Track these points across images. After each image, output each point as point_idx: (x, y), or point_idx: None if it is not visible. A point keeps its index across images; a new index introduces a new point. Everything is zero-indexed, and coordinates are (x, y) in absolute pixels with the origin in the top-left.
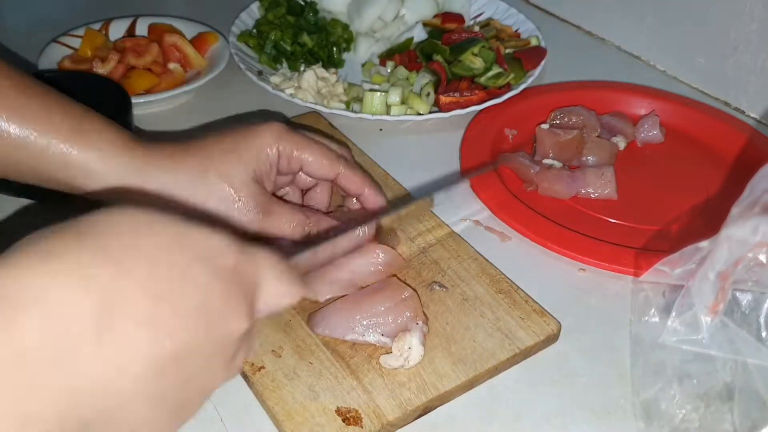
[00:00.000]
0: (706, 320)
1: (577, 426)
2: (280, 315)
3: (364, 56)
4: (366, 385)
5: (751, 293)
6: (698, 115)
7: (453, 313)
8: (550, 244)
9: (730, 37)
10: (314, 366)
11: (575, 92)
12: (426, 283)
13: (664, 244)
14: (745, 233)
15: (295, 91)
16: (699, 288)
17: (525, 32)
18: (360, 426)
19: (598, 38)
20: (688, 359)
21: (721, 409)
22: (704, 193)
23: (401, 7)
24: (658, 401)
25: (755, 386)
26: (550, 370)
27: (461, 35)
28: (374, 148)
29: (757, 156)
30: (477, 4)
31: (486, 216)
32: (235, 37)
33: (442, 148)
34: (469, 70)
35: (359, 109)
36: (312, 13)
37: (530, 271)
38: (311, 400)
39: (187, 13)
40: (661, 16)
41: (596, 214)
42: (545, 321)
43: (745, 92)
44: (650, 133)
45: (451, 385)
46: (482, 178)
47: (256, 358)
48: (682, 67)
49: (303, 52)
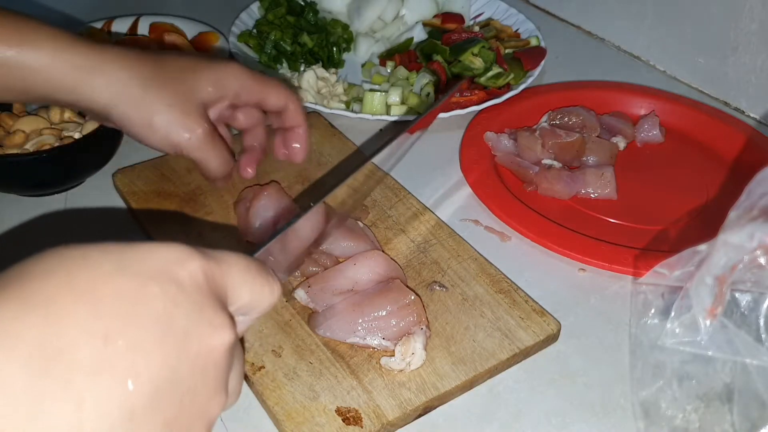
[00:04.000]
0: (704, 323)
1: (577, 426)
2: (268, 317)
3: (364, 56)
4: (366, 385)
5: (750, 294)
6: (698, 116)
7: (453, 313)
8: (550, 244)
9: (730, 37)
10: (314, 366)
11: (575, 92)
12: (426, 283)
13: (663, 244)
14: (742, 239)
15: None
16: (697, 291)
17: (525, 32)
18: (360, 426)
19: (598, 38)
20: (688, 360)
21: (721, 409)
22: (704, 194)
23: (401, 7)
24: (658, 402)
25: (754, 387)
26: (550, 370)
27: (461, 35)
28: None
29: (757, 156)
30: (477, 4)
31: (486, 216)
32: (236, 37)
33: (442, 148)
34: (469, 70)
35: (359, 109)
36: (312, 13)
37: (530, 271)
38: (311, 400)
39: (188, 12)
40: (661, 16)
41: (596, 214)
42: (545, 321)
43: (745, 92)
44: (650, 133)
45: (451, 385)
46: (482, 179)
47: (256, 358)
48: (682, 67)
49: (303, 52)
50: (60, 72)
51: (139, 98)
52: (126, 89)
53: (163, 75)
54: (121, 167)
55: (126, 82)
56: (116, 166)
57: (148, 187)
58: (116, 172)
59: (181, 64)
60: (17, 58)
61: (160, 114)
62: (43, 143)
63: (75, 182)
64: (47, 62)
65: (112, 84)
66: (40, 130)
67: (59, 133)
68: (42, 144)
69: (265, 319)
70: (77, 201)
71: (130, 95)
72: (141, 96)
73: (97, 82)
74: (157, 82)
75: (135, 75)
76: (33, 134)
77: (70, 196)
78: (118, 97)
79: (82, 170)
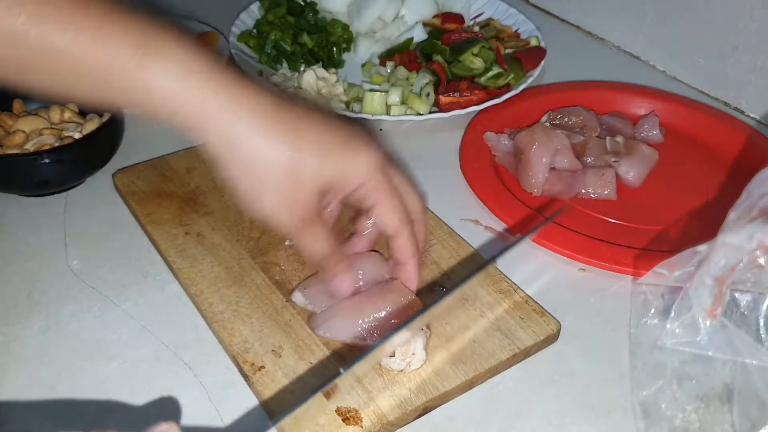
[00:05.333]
0: (704, 323)
1: (577, 426)
2: (269, 317)
3: (364, 56)
4: (366, 385)
5: (750, 294)
6: (698, 115)
7: (453, 313)
8: (550, 244)
9: (730, 37)
10: (314, 366)
11: (575, 92)
12: (426, 283)
13: (663, 244)
14: (741, 240)
15: (295, 92)
16: (697, 292)
17: (525, 32)
18: (360, 426)
19: (598, 38)
20: (688, 360)
21: (721, 409)
22: (704, 193)
23: (401, 7)
24: (658, 402)
25: (754, 387)
26: (550, 370)
27: (461, 35)
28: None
29: (757, 156)
30: (477, 4)
31: (486, 216)
32: (236, 37)
33: (442, 148)
34: (469, 70)
35: (359, 109)
36: (312, 13)
37: (530, 271)
38: (311, 400)
39: (188, 12)
40: (661, 16)
41: (596, 214)
42: (545, 321)
43: (745, 92)
44: (650, 133)
45: (451, 385)
46: (482, 179)
47: (256, 358)
48: (682, 67)
49: (303, 52)
50: (182, 104)
51: (252, 172)
52: (249, 136)
53: (297, 140)
54: (121, 167)
55: (248, 153)
56: (116, 166)
57: (148, 187)
58: (116, 172)
59: (319, 129)
60: (136, 74)
61: (268, 194)
62: (43, 143)
63: (75, 182)
64: (170, 89)
65: (243, 128)
66: (40, 130)
67: (59, 133)
68: (42, 144)
69: (265, 319)
70: (77, 201)
71: (251, 141)
72: (256, 171)
73: (219, 132)
74: (290, 142)
75: (261, 144)
76: (33, 134)
77: (70, 196)
78: (233, 162)
79: (82, 170)
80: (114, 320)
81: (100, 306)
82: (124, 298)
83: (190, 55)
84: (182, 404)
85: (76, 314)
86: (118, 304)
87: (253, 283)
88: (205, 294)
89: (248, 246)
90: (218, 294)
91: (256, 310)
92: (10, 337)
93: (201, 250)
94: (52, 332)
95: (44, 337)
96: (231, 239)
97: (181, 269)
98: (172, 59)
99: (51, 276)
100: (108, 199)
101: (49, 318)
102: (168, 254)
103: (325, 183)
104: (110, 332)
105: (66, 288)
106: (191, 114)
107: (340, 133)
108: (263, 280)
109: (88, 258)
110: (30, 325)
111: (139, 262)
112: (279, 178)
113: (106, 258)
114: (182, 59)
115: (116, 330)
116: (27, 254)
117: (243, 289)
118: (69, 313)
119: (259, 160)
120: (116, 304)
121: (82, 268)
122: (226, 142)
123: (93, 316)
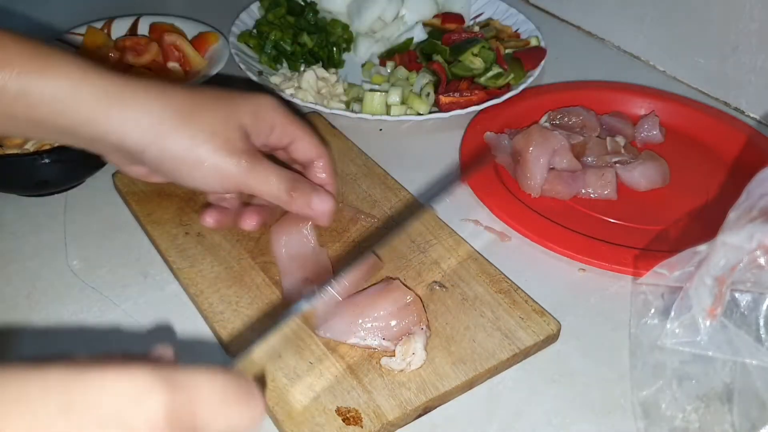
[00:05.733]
0: (704, 323)
1: (577, 426)
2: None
3: (364, 56)
4: (366, 385)
5: (750, 294)
6: (698, 116)
7: (453, 313)
8: (550, 244)
9: (730, 37)
10: (314, 366)
11: (575, 92)
12: (426, 283)
13: (663, 244)
14: (741, 240)
15: (295, 92)
16: (697, 292)
17: (525, 32)
18: (360, 426)
19: (598, 38)
20: (688, 360)
21: (721, 409)
22: (704, 194)
23: (401, 7)
24: (658, 402)
25: (754, 387)
26: (550, 370)
27: (461, 35)
28: (374, 149)
29: (757, 156)
30: (477, 4)
31: (486, 216)
32: (236, 37)
33: (442, 148)
34: (469, 70)
35: (359, 109)
36: (312, 13)
37: (530, 271)
38: (311, 400)
39: (188, 12)
40: (661, 16)
41: (596, 214)
42: (545, 321)
43: (745, 92)
44: (650, 133)
45: (451, 385)
46: (482, 178)
47: None
48: (682, 67)
49: (303, 52)
50: (85, 102)
51: (177, 129)
52: (162, 120)
53: (199, 104)
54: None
55: (160, 113)
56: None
57: (148, 187)
58: (116, 172)
59: (216, 94)
60: (37, 85)
61: (204, 144)
62: (43, 143)
63: (75, 182)
64: (70, 91)
65: (145, 116)
66: None
67: None
68: (42, 144)
69: (265, 319)
70: (77, 201)
71: (166, 127)
72: (179, 126)
73: (128, 115)
74: (194, 111)
75: (169, 105)
76: None
77: (70, 196)
78: (154, 131)
79: (82, 170)
80: (114, 320)
81: (100, 306)
82: (124, 298)
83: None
84: None
85: (76, 314)
86: (118, 304)
87: (253, 283)
88: (205, 294)
89: (248, 246)
90: (218, 294)
91: (256, 310)
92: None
93: (201, 250)
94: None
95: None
96: (231, 239)
97: (181, 269)
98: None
99: (51, 276)
100: (108, 199)
101: (49, 318)
102: (168, 254)
103: (246, 123)
104: (110, 332)
105: (66, 288)
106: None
107: (228, 94)
108: (263, 280)
109: (88, 258)
110: (30, 325)
111: (139, 262)
112: (208, 129)
113: (106, 258)
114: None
115: (116, 330)
116: (27, 254)
117: (243, 289)
118: (69, 313)
119: (176, 122)
120: (116, 304)
121: (82, 268)
122: (140, 127)
123: (93, 316)
